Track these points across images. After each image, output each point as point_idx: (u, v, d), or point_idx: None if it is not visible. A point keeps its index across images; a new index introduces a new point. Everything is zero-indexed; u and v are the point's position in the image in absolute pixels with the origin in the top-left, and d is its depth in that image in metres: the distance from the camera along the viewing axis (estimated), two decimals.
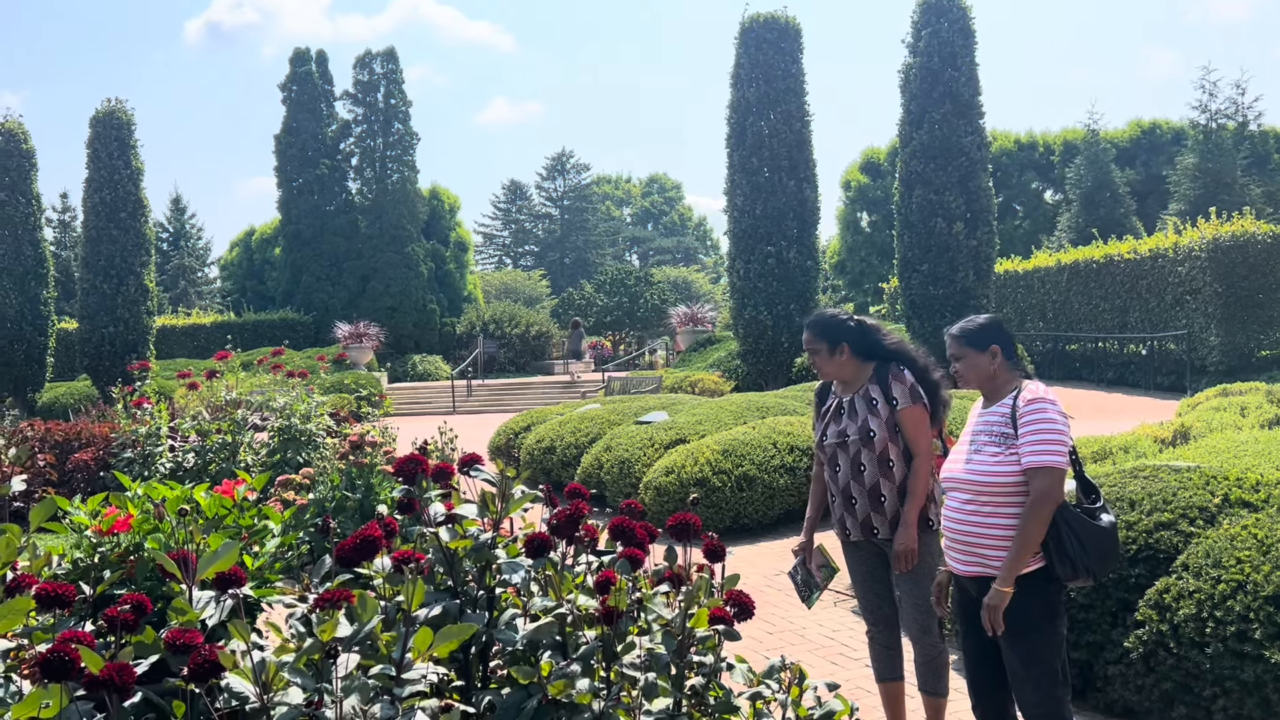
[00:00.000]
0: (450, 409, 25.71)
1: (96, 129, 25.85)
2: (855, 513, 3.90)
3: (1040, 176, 39.32)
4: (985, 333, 3.36)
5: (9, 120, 25.92)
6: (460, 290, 38.84)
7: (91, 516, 3.14)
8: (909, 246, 19.37)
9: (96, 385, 25.20)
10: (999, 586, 3.08)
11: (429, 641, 2.34)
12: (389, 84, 36.18)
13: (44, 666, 2.13)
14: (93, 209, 25.72)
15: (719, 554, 3.04)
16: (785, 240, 20.87)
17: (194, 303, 46.83)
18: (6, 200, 25.40)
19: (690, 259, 77.44)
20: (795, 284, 20.99)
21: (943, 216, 18.90)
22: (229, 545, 2.54)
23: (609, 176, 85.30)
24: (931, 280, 19.03)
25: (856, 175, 40.57)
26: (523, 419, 13.14)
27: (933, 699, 3.96)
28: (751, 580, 6.69)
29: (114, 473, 7.51)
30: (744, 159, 21.02)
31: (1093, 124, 35.26)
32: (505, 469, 3.13)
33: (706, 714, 2.66)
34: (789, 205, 20.84)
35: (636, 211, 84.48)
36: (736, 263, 21.49)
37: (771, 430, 9.06)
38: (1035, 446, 3.11)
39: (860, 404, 3.90)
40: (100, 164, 25.65)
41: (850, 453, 3.89)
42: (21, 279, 25.57)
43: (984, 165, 19.42)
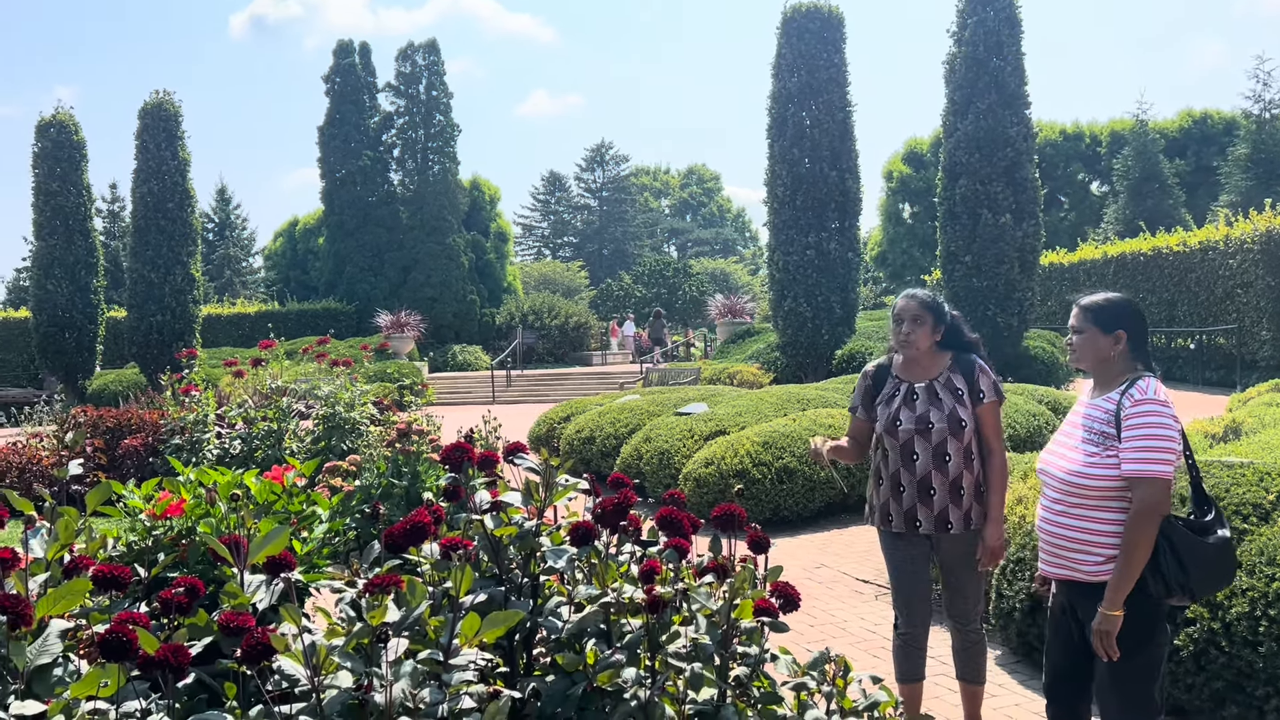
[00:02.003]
0: (490, 399, 25.87)
1: (145, 121, 26.27)
2: (931, 504, 3.77)
3: (1087, 167, 38.70)
4: (1116, 312, 3.05)
5: (60, 112, 26.41)
6: (500, 281, 39.04)
7: (145, 501, 3.20)
8: (952, 238, 19.13)
9: (145, 373, 25.67)
10: (1106, 610, 2.84)
11: (476, 627, 2.36)
12: (430, 75, 36.40)
13: (102, 646, 2.17)
14: (141, 199, 26.16)
15: (763, 545, 3.03)
16: (826, 232, 20.72)
17: (239, 292, 47.50)
18: (58, 191, 25.91)
19: (729, 250, 77.19)
20: (836, 276, 20.83)
21: (988, 207, 18.65)
22: (279, 530, 2.58)
23: (647, 168, 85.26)
24: (975, 272, 18.80)
25: (899, 166, 40.17)
26: (562, 409, 13.18)
27: (973, 686, 3.95)
28: (792, 572, 6.67)
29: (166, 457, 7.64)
30: (785, 149, 20.88)
31: (1141, 114, 34.63)
32: (549, 458, 3.13)
33: (750, 705, 2.65)
34: (830, 196, 20.68)
35: (675, 203, 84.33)
36: (776, 254, 21.36)
37: (813, 422, 9.01)
38: (1139, 453, 2.84)
39: (943, 392, 3.81)
40: (148, 155, 26.07)
41: (933, 441, 3.76)
42: (72, 268, 26.08)
43: (1030, 156, 19.12)
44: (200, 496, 3.11)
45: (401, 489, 4.50)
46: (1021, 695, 4.59)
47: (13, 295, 47.37)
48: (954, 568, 3.86)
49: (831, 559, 7.25)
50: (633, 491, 3.01)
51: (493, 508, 2.92)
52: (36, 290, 26.32)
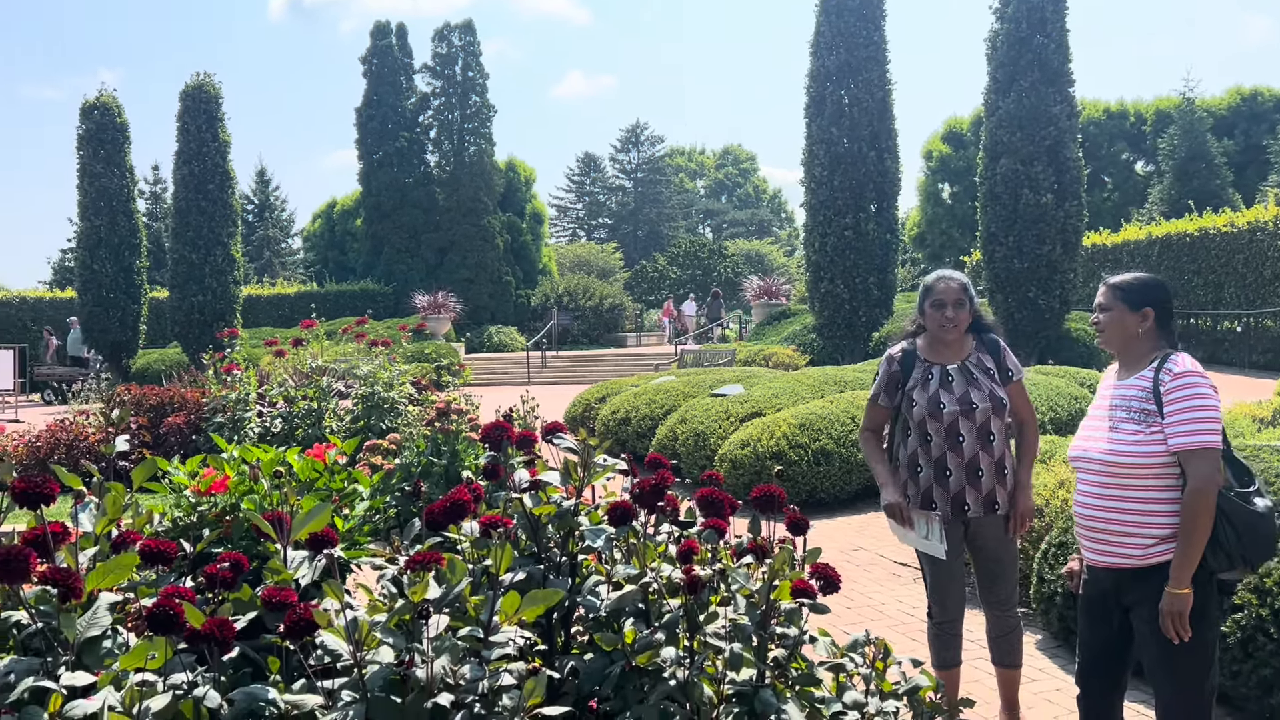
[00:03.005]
0: (525, 380, 25.98)
1: (186, 103, 26.53)
2: (980, 486, 3.72)
3: (1131, 147, 37.98)
4: (1144, 291, 3.02)
5: (103, 95, 26.75)
6: (535, 262, 39.13)
7: (190, 477, 3.24)
8: (993, 218, 18.88)
9: (187, 352, 26.05)
10: (1174, 590, 2.78)
11: (516, 605, 2.37)
12: (466, 56, 36.43)
13: (150, 619, 2.21)
14: (182, 181, 26.46)
15: (802, 527, 3.01)
16: (864, 212, 20.52)
17: (278, 273, 48.01)
18: (102, 173, 26.28)
19: (764, 232, 76.73)
20: (874, 257, 20.65)
21: (1029, 187, 18.37)
22: (321, 507, 2.60)
23: (682, 148, 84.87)
24: (1016, 253, 18.55)
25: (938, 145, 39.66)
26: (598, 390, 13.21)
27: (1012, 671, 3.92)
28: (829, 555, 6.63)
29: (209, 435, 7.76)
30: (823, 129, 20.68)
31: (1188, 91, 33.92)
32: (587, 437, 3.14)
33: (789, 686, 2.64)
34: (868, 176, 20.47)
35: (710, 184, 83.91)
36: (813, 235, 21.20)
37: (850, 404, 8.95)
38: (1189, 426, 2.79)
39: (977, 373, 3.78)
40: (189, 137, 26.34)
41: (977, 422, 3.71)
42: (116, 249, 26.48)
43: (1073, 135, 18.79)
44: (243, 473, 3.15)
45: (441, 467, 4.54)
46: (1062, 680, 4.55)
47: (59, 275, 48.21)
48: (993, 550, 3.82)
49: (869, 541, 7.21)
50: (670, 472, 3.00)
51: (531, 487, 2.92)
52: (82, 270, 26.76)
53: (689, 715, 2.47)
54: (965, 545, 3.89)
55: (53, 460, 8.62)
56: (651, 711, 2.43)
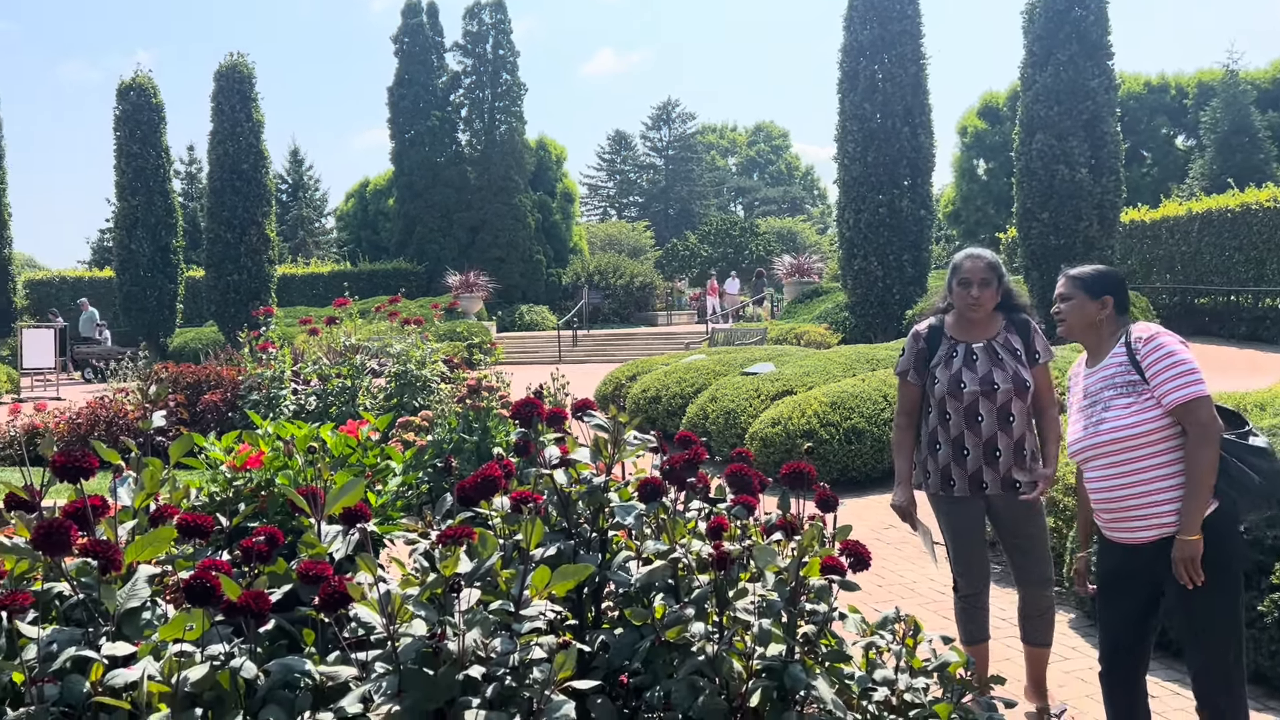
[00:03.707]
0: (556, 358, 26.05)
1: (220, 83, 26.72)
2: (997, 466, 3.72)
3: (1171, 121, 37.24)
4: (1102, 281, 3.17)
5: (139, 76, 27.00)
6: (566, 241, 39.14)
7: (226, 453, 3.29)
8: (1029, 195, 18.63)
9: (222, 330, 26.37)
10: (1185, 536, 2.85)
11: (546, 579, 2.38)
12: (497, 35, 36.35)
13: (188, 592, 2.24)
14: (217, 161, 26.70)
15: (831, 504, 3.01)
16: (898, 189, 20.33)
17: (312, 252, 48.37)
18: (139, 153, 26.57)
19: (796, 209, 76.19)
20: (907, 234, 20.47)
21: (1065, 163, 18.09)
22: (354, 482, 2.63)
23: (714, 125, 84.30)
24: (1052, 230, 18.30)
25: (974, 121, 39.13)
26: (628, 368, 13.22)
27: (1042, 650, 3.91)
28: (860, 533, 6.63)
29: (244, 412, 7.86)
30: (856, 104, 20.47)
31: (1231, 64, 33.14)
32: (617, 414, 3.14)
33: (818, 662, 2.64)
34: (902, 152, 20.27)
35: (742, 161, 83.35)
36: (846, 212, 21.04)
37: (882, 383, 8.90)
38: (1176, 381, 2.90)
39: (1003, 353, 3.74)
40: (223, 117, 26.55)
41: (997, 402, 3.70)
42: (153, 229, 26.81)
43: (1111, 109, 18.48)
44: (278, 449, 3.19)
45: (472, 444, 4.57)
46: (1094, 658, 4.52)
47: (97, 255, 48.89)
48: (1019, 530, 3.80)
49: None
50: (702, 449, 3.00)
51: (562, 463, 2.94)
52: (120, 250, 27.13)
53: (718, 689, 2.48)
54: (991, 524, 3.88)
55: (93, 437, 8.78)
56: (681, 685, 2.45)
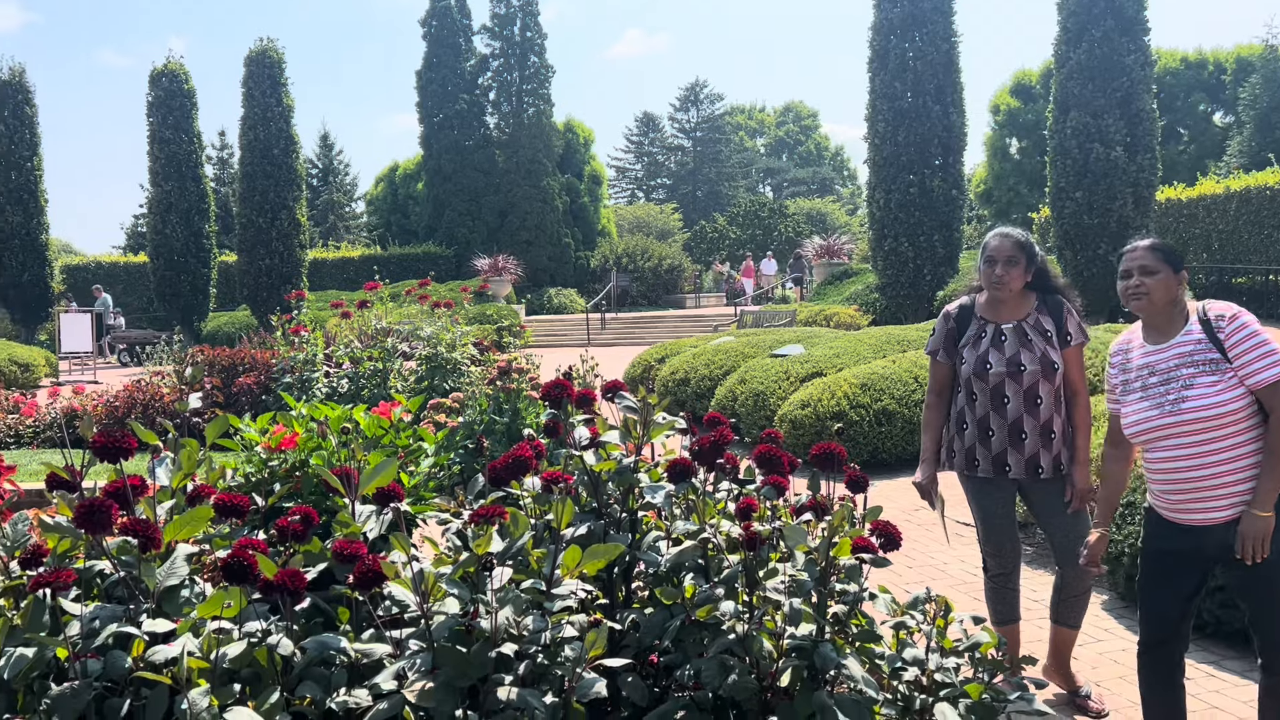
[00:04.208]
0: (585, 341, 26.09)
1: (250, 68, 26.90)
2: (1022, 449, 3.69)
3: (1209, 97, 36.58)
4: (1177, 253, 3.07)
5: (171, 62, 27.24)
6: (594, 224, 39.13)
7: (261, 434, 3.33)
8: (1062, 173, 18.39)
9: (255, 314, 26.64)
10: (1259, 512, 2.82)
11: (577, 559, 2.40)
12: (525, 17, 36.31)
13: (225, 570, 2.28)
14: (248, 146, 26.91)
15: (861, 485, 3.00)
16: (928, 168, 20.14)
17: (342, 236, 48.68)
18: (171, 139, 26.84)
19: (826, 190, 75.66)
20: (938, 214, 20.28)
21: (1100, 141, 17.83)
22: (388, 462, 2.65)
23: (742, 106, 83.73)
24: (1086, 209, 18.06)
25: (1006, 99, 38.63)
26: (657, 351, 13.22)
27: (1071, 632, 3.88)
28: (890, 514, 6.61)
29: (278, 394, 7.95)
30: (886, 83, 20.28)
31: (1271, 39, 32.49)
32: (647, 396, 3.15)
33: (849, 642, 2.65)
34: (933, 131, 20.06)
35: (770, 142, 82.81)
36: (876, 192, 20.88)
37: (913, 364, 8.85)
38: (1262, 362, 2.84)
39: (1033, 334, 3.70)
40: (254, 102, 26.74)
41: (1024, 384, 3.67)
42: (186, 214, 27.09)
43: (1147, 86, 18.17)
44: (312, 430, 3.23)
45: (502, 425, 4.60)
46: (1128, 640, 4.49)
47: (131, 241, 49.48)
48: (1050, 513, 3.77)
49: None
50: (729, 429, 3.01)
51: (592, 444, 2.95)
52: (154, 235, 27.44)
53: (748, 668, 2.49)
54: (1025, 505, 3.86)
55: (130, 419, 8.91)
56: (712, 664, 2.46)
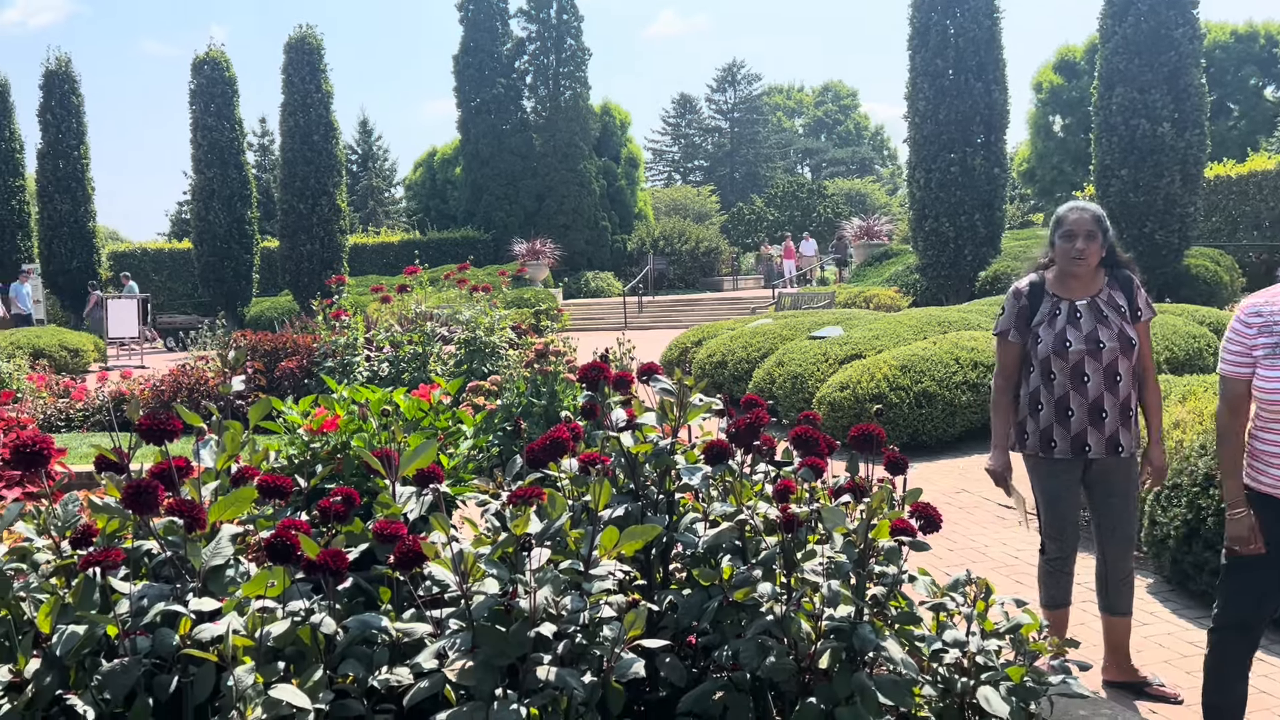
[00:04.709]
0: (622, 325, 26.11)
1: (290, 55, 27.11)
2: (1103, 428, 3.62)
3: (1261, 71, 35.68)
4: None
5: (212, 50, 27.53)
6: (631, 207, 39.07)
7: (303, 417, 3.38)
8: (1107, 150, 18.06)
9: (297, 299, 26.95)
10: None
11: (615, 540, 2.41)
12: None
13: (269, 550, 2.32)
14: (288, 132, 27.16)
15: (901, 466, 2.98)
16: (970, 147, 19.85)
17: (382, 222, 49.06)
18: (214, 126, 27.16)
19: (865, 170, 74.89)
20: (980, 193, 20.00)
21: (1146, 117, 17.48)
22: (427, 444, 2.68)
23: (780, 86, 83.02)
24: (1132, 187, 17.73)
25: (1049, 76, 37.96)
26: (694, 334, 13.20)
27: (1124, 619, 3.81)
28: (930, 497, 6.55)
29: (321, 378, 8.04)
30: (927, 60, 19.99)
31: None
32: (683, 378, 3.15)
33: (888, 624, 2.64)
34: (975, 109, 19.76)
35: (809, 122, 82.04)
36: (917, 172, 20.63)
37: (954, 345, 8.75)
38: None
39: (1107, 310, 3.64)
40: (294, 89, 26.96)
41: (1104, 362, 3.60)
42: (229, 200, 27.43)
43: (1195, 60, 17.75)
44: (353, 413, 3.26)
45: (540, 408, 4.62)
46: (1174, 624, 4.43)
47: (176, 227, 50.22)
48: (1116, 494, 3.70)
49: (973, 484, 7.09)
50: (765, 412, 2.99)
51: (628, 426, 2.95)
52: (197, 222, 27.82)
53: (786, 650, 2.49)
54: (1083, 484, 3.78)
55: (175, 402, 9.06)
56: (750, 645, 2.46)
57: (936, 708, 2.65)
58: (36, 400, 9.93)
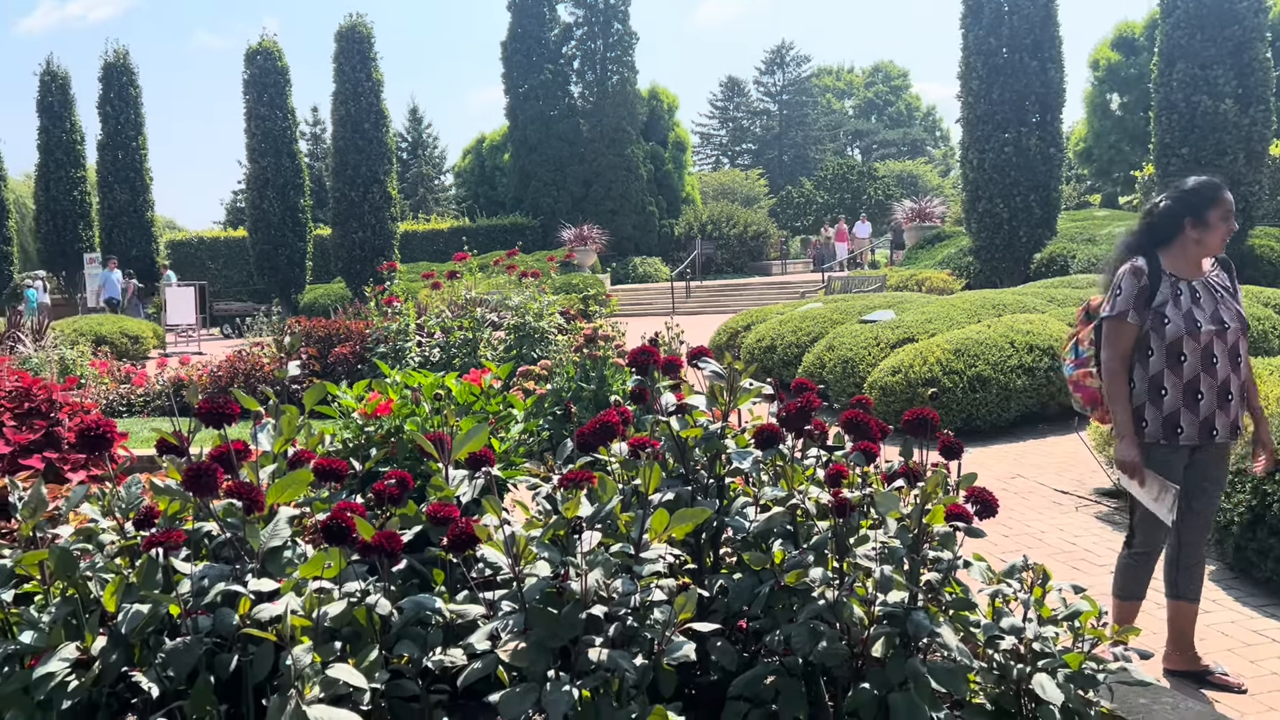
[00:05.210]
0: (669, 310, 26.07)
1: (340, 44, 27.38)
2: (1228, 410, 3.52)
3: None
4: None
5: (265, 40, 27.92)
6: (678, 192, 38.93)
7: (357, 401, 3.42)
8: (1167, 129, 17.61)
9: (349, 286, 27.30)
10: None
11: (665, 523, 2.41)
12: None
13: (325, 532, 2.35)
14: (339, 121, 27.46)
15: (956, 451, 2.93)
16: (1025, 126, 19.48)
17: (431, 209, 49.46)
18: (267, 115, 27.56)
19: (917, 151, 73.82)
20: (1035, 174, 19.62)
21: (1208, 93, 17.00)
22: (479, 428, 2.70)
23: (830, 67, 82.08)
24: (1193, 166, 17.25)
25: (1107, 53, 37.06)
26: (743, 318, 13.15)
27: (1193, 605, 3.73)
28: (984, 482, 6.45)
29: (373, 363, 8.14)
30: (980, 38, 19.62)
31: None
32: (733, 362, 3.13)
33: (942, 610, 2.61)
34: (1030, 88, 19.37)
35: (859, 103, 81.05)
36: (970, 152, 20.29)
37: (1009, 329, 8.62)
38: None
39: (1221, 290, 3.57)
40: (345, 77, 27.23)
41: (1228, 342, 3.51)
42: (282, 189, 27.84)
43: (1261, 34, 17.21)
44: (406, 397, 3.30)
45: (590, 392, 4.64)
46: (1237, 612, 4.33)
47: (231, 216, 51.11)
48: (1211, 479, 3.63)
49: (1028, 470, 6.99)
50: (816, 396, 2.97)
51: (678, 410, 2.95)
52: (252, 210, 28.28)
53: (839, 635, 2.48)
54: None
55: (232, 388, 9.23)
56: (802, 630, 2.45)
57: (992, 694, 2.62)
58: (99, 386, 10.18)
